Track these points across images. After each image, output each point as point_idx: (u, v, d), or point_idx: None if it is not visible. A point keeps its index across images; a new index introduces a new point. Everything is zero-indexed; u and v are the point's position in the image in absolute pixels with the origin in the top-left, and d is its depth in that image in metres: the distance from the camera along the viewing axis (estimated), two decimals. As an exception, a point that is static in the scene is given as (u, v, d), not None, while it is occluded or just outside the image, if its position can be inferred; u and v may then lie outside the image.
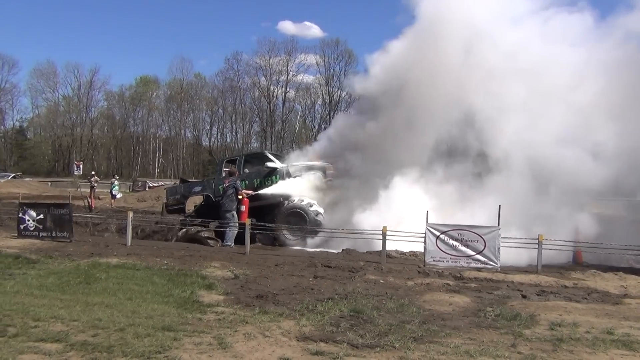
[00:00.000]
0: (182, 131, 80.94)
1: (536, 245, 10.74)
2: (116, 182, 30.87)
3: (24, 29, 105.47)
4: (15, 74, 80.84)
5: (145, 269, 9.96)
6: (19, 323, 6.13)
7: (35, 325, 6.08)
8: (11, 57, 78.09)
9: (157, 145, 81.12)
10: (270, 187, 15.57)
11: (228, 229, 14.00)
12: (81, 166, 47.45)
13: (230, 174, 14.97)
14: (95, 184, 33.58)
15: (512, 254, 11.36)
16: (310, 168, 15.93)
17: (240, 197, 14.33)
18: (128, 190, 44.27)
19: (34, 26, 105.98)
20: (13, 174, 51.98)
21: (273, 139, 74.85)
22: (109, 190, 31.51)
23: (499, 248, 10.78)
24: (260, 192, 15.49)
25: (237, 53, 79.13)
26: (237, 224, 13.93)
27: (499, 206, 10.89)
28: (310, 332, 6.35)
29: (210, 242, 14.56)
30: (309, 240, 14.80)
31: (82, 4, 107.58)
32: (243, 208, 14.40)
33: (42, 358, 5.14)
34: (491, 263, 10.78)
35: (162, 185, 41.55)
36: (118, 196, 30.52)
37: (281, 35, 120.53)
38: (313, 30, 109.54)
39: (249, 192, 15.07)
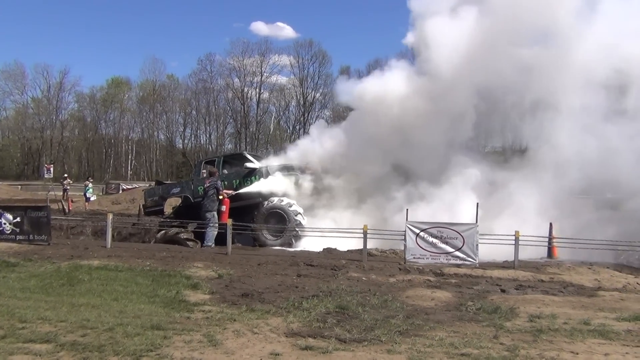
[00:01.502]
0: (155, 133, 79.90)
1: (513, 241, 11.01)
2: (90, 185, 30.45)
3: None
4: (-20, 75, 78.62)
5: (128, 270, 9.92)
6: (6, 325, 6.09)
7: (23, 327, 6.05)
8: (-24, 58, 76.19)
9: (130, 147, 79.89)
10: (251, 186, 15.58)
11: (208, 229, 13.98)
12: (52, 169, 46.54)
13: (211, 174, 14.93)
14: (68, 187, 33.15)
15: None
16: (289, 168, 16.01)
17: (220, 197, 14.33)
18: (101, 193, 43.61)
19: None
20: (-19, 178, 50.79)
21: (247, 140, 74.45)
22: (82, 193, 31.06)
23: (477, 245, 11.03)
24: (241, 191, 15.50)
25: (210, 54, 78.56)
26: (217, 225, 13.93)
27: (477, 204, 11.16)
28: (298, 328, 6.46)
29: (190, 243, 14.49)
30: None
31: (51, 4, 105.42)
32: (224, 208, 14.40)
33: (33, 358, 5.14)
34: (470, 259, 11.02)
35: (136, 187, 41.09)
36: (92, 199, 30.04)
37: (254, 36, 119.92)
38: (286, 30, 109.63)
39: (230, 192, 15.07)
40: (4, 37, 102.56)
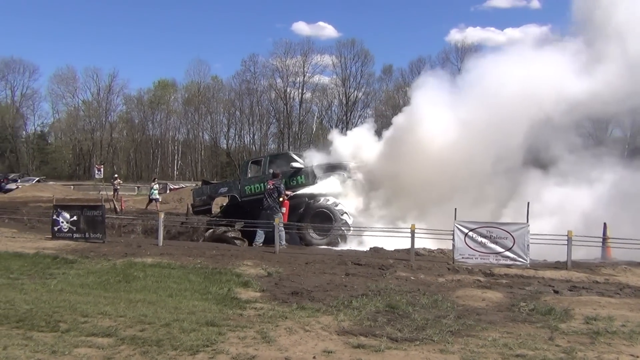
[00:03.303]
0: (200, 134, 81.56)
1: (566, 242, 10.73)
2: (155, 187, 31.08)
3: (44, 35, 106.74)
4: (36, 79, 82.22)
5: (180, 267, 10.19)
6: (69, 319, 6.37)
7: (85, 321, 6.33)
8: (32, 63, 79.03)
9: (176, 148, 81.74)
10: (308, 187, 15.61)
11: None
12: (102, 170, 47.95)
13: (274, 175, 14.61)
14: (119, 187, 34.06)
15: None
16: (334, 167, 16.04)
17: (281, 199, 14.21)
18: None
19: (53, 32, 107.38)
20: (37, 178, 52.71)
21: (290, 140, 74.96)
22: (148, 194, 31.81)
23: (528, 245, 10.80)
24: (299, 192, 15.52)
25: (254, 55, 79.02)
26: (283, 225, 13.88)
27: (528, 203, 10.94)
28: (349, 326, 6.50)
29: (237, 242, 14.73)
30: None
31: (100, 10, 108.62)
32: (284, 210, 14.39)
33: (96, 351, 5.36)
34: (520, 260, 10.80)
35: (183, 187, 41.93)
36: (159, 199, 30.45)
37: (296, 37, 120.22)
38: (327, 30, 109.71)
39: (289, 192, 15.01)
40: (57, 44, 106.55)
